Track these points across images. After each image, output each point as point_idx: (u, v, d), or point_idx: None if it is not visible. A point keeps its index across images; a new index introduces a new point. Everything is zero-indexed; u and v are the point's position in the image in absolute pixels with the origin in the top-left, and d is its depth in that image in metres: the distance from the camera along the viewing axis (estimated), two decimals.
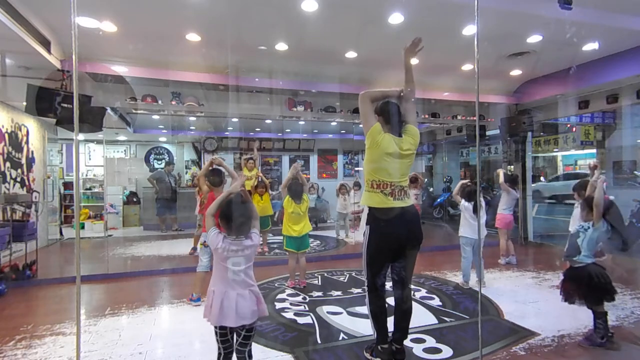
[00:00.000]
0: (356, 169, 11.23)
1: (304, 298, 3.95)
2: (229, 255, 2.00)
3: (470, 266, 4.27)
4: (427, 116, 7.15)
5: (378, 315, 2.57)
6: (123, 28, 4.02)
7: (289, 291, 4.18)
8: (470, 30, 4.15)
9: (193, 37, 4.24)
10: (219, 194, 3.65)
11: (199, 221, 5.26)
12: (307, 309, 3.63)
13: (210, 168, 3.80)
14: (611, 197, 2.93)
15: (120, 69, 4.85)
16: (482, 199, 4.05)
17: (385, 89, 2.57)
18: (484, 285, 4.29)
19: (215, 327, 2.01)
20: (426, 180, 10.21)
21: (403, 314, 2.58)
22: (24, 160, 5.98)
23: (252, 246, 2.06)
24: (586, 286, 2.79)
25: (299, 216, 4.24)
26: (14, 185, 5.61)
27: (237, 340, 2.04)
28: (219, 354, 2.04)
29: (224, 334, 2.01)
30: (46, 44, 3.98)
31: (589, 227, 2.87)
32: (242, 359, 2.05)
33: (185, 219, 8.32)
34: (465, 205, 4.27)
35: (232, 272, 2.00)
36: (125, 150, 10.76)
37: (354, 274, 4.88)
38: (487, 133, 7.53)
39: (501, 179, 5.32)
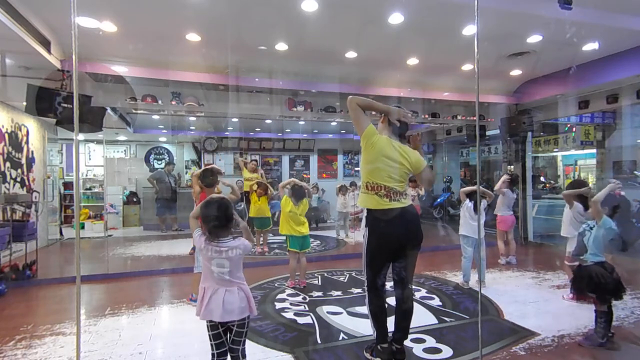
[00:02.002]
0: (356, 168, 11.23)
1: (304, 298, 3.95)
2: (212, 256, 2.01)
3: (470, 266, 4.27)
4: (427, 116, 7.14)
5: (378, 315, 2.57)
6: (123, 28, 4.01)
7: (289, 291, 4.18)
8: (470, 30, 4.15)
9: (193, 37, 4.24)
10: (210, 194, 3.66)
11: None
12: (307, 309, 3.63)
13: (205, 168, 3.79)
14: (622, 193, 2.91)
15: (120, 69, 4.85)
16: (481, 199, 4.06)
17: (375, 103, 2.54)
18: (485, 285, 4.29)
19: (206, 324, 2.02)
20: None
21: (404, 314, 2.57)
22: (24, 160, 5.98)
23: (236, 248, 2.04)
24: (587, 286, 2.80)
25: (296, 216, 4.25)
26: (14, 185, 5.61)
27: (229, 338, 2.05)
28: (212, 354, 2.04)
29: (214, 327, 2.02)
30: (46, 44, 3.98)
31: (594, 226, 2.87)
32: (235, 357, 2.06)
33: (185, 219, 8.29)
34: (468, 205, 4.27)
35: (217, 274, 2.01)
36: (125, 150, 10.76)
37: (354, 274, 4.88)
38: (487, 133, 7.53)
39: (497, 186, 5.32)
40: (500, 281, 4.55)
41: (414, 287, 4.28)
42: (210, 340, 2.03)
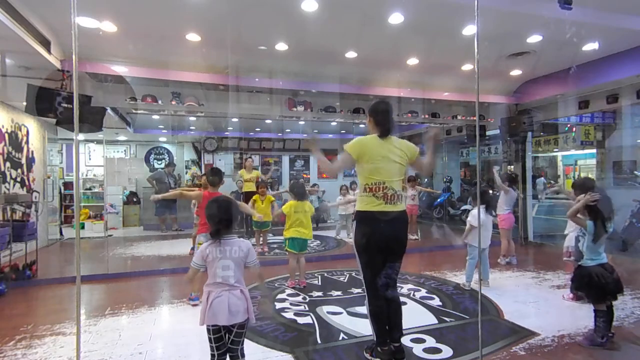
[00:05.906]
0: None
1: (304, 298, 3.95)
2: (217, 256, 2.03)
3: (474, 267, 4.23)
4: (427, 116, 7.14)
5: (377, 316, 2.57)
6: (123, 28, 4.01)
7: (289, 291, 4.18)
8: (470, 30, 4.15)
9: (193, 37, 4.24)
10: (214, 192, 3.66)
11: (196, 220, 5.28)
12: (307, 309, 3.63)
13: (212, 167, 3.82)
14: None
15: (120, 69, 4.85)
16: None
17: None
18: (488, 285, 4.27)
19: (208, 326, 2.02)
20: (426, 180, 10.21)
21: (395, 312, 2.60)
22: (24, 160, 5.98)
23: (239, 249, 2.06)
24: (586, 285, 2.82)
25: (302, 216, 4.25)
26: (14, 185, 5.61)
27: (229, 339, 2.04)
28: (212, 355, 2.04)
29: (216, 331, 2.02)
30: (46, 44, 3.98)
31: (584, 233, 2.92)
32: (234, 357, 2.06)
33: (185, 219, 8.33)
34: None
35: (221, 277, 2.01)
36: (125, 150, 10.77)
37: (354, 274, 4.87)
38: (487, 133, 7.53)
39: (497, 181, 5.31)
40: (500, 281, 4.55)
41: (414, 287, 4.31)
42: (211, 342, 2.03)
